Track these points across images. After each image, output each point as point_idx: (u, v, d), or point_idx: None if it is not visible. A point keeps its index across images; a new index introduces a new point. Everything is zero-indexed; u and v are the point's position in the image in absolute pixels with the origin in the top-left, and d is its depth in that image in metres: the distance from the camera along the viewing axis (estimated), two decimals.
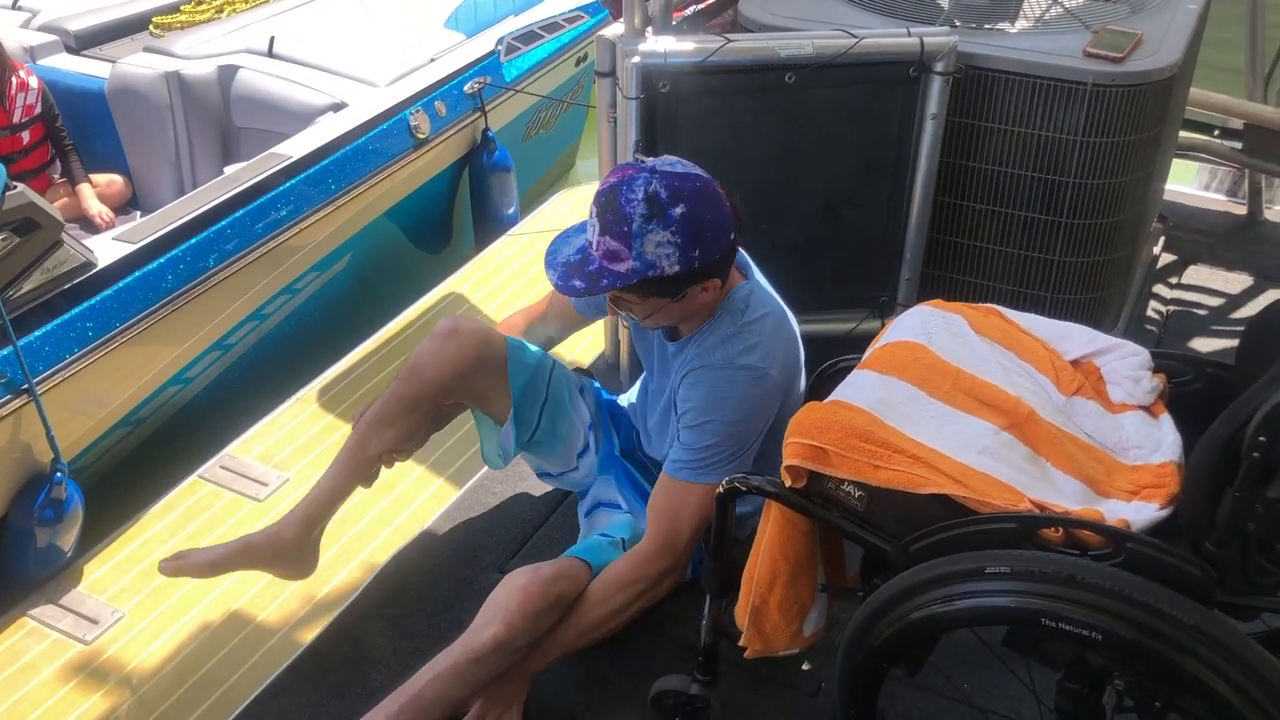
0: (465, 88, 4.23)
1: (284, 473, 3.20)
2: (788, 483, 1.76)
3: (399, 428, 2.25)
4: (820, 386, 2.13)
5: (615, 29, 2.63)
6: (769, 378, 2.03)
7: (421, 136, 3.99)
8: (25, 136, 3.83)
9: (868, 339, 2.90)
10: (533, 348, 2.38)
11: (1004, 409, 1.79)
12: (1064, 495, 1.69)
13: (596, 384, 2.56)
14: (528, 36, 4.67)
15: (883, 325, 2.88)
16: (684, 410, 2.06)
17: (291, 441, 3.32)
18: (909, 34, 2.57)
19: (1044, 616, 1.51)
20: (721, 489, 1.88)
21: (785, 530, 1.84)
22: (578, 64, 5.02)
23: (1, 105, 3.74)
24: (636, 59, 2.48)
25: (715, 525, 1.97)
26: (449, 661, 2.01)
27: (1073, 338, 1.99)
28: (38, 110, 3.85)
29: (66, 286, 2.89)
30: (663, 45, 2.51)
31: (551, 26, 4.83)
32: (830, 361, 2.12)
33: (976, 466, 1.68)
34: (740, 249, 2.14)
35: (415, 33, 4.50)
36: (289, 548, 2.27)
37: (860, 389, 1.81)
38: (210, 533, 3.00)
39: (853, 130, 2.66)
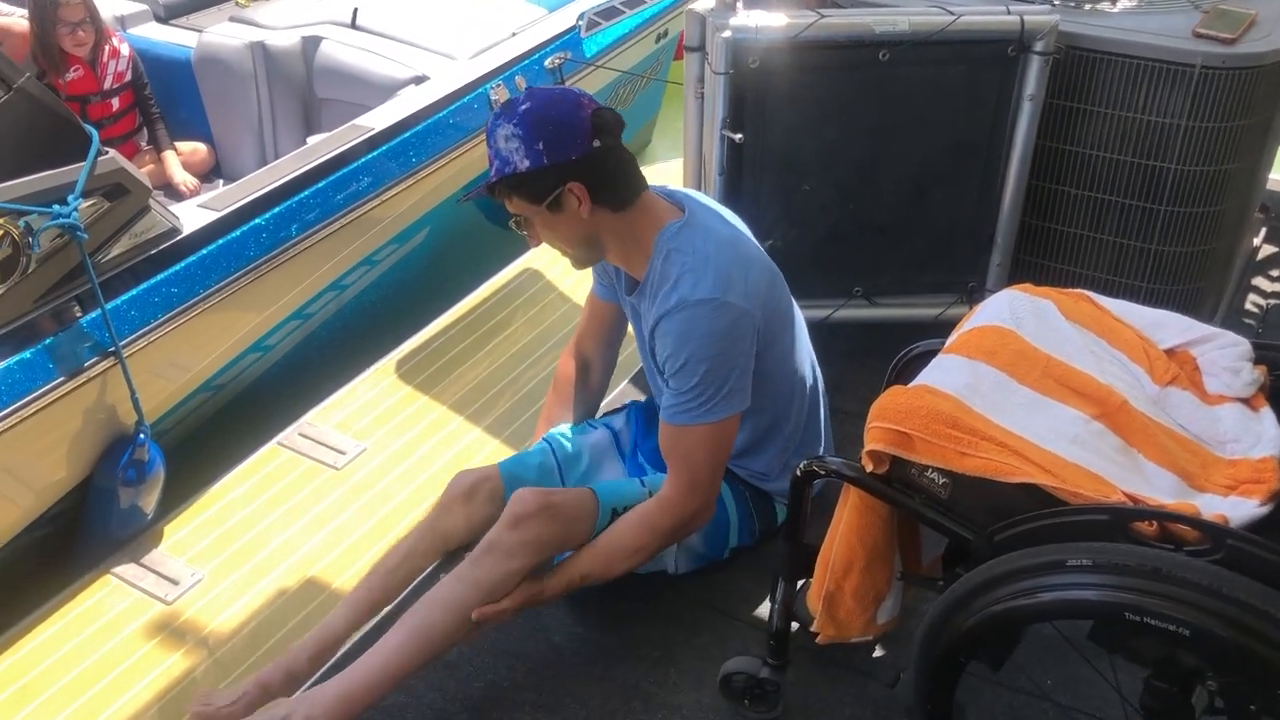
0: (546, 63, 4.21)
1: (362, 442, 3.23)
2: (869, 467, 1.72)
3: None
4: (902, 371, 2.09)
5: (705, 3, 2.60)
6: (729, 305, 1.98)
7: None
8: (115, 103, 3.89)
9: (955, 325, 2.87)
10: (533, 457, 2.37)
11: (1095, 397, 1.73)
12: (1157, 488, 1.63)
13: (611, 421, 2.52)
14: (609, 12, 4.63)
15: (970, 310, 2.85)
16: (663, 360, 2.05)
17: (369, 411, 3.36)
18: (1008, 12, 2.50)
19: (1129, 611, 1.45)
20: (799, 472, 1.85)
21: (864, 515, 1.80)
22: (658, 40, 4.97)
23: (94, 71, 3.80)
24: (727, 33, 2.44)
25: (790, 509, 1.94)
26: (455, 570, 2.10)
27: (1168, 326, 1.91)
28: (128, 78, 3.91)
29: (153, 252, 2.93)
30: (754, 20, 2.47)
31: (633, 2, 4.78)
32: (909, 347, 2.07)
33: (1067, 456, 1.62)
34: (690, 191, 2.19)
35: (497, 7, 4.48)
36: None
37: (947, 374, 1.76)
38: (289, 498, 3.04)
39: (946, 110, 2.59)
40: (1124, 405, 1.70)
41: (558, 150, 1.94)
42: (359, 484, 3.11)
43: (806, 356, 2.29)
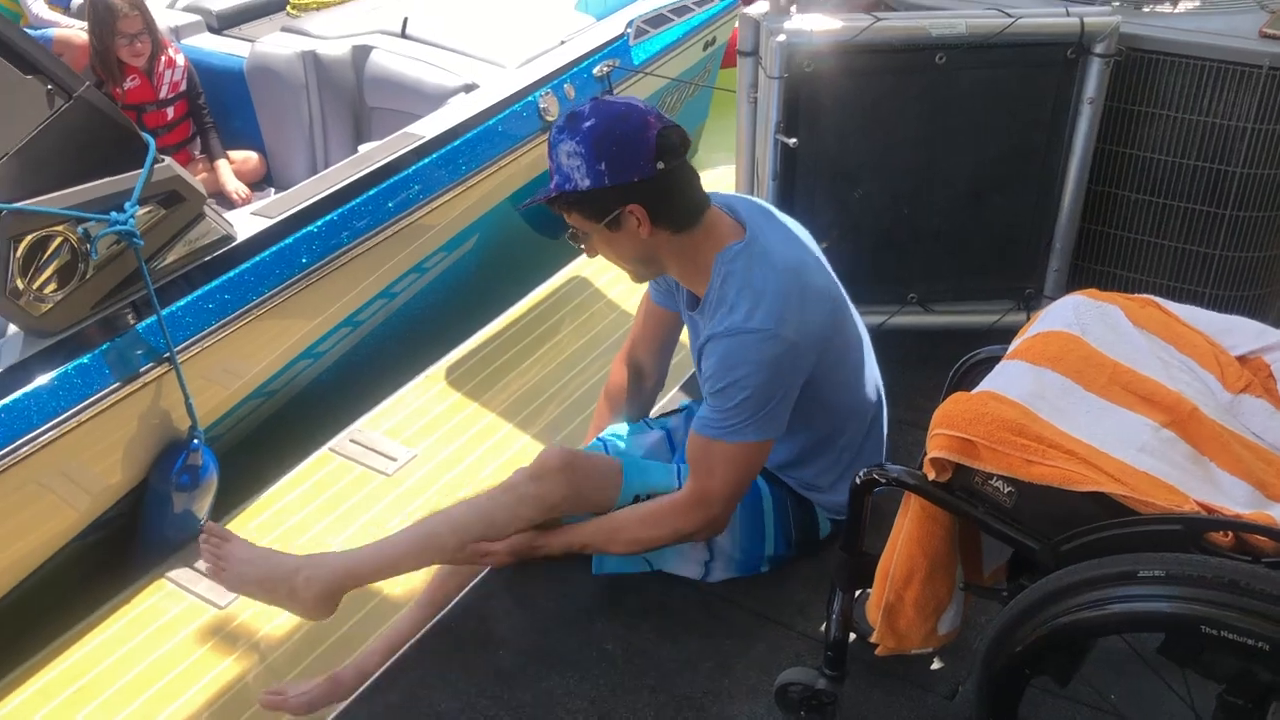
0: (594, 70, 4.21)
1: (412, 449, 3.24)
2: (931, 475, 1.68)
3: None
4: (962, 378, 2.06)
5: (759, 7, 2.58)
6: (780, 338, 1.95)
7: (550, 119, 3.98)
8: (170, 112, 3.95)
9: (1010, 332, 2.82)
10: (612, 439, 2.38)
11: (1164, 405, 1.68)
12: (1230, 498, 1.58)
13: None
14: (657, 20, 4.63)
15: (1028, 318, 2.80)
16: (705, 377, 2.04)
17: (419, 418, 3.36)
18: (1068, 13, 2.46)
19: (1205, 624, 1.41)
20: (859, 480, 1.82)
21: (925, 525, 1.76)
22: (705, 48, 4.96)
23: (150, 81, 3.86)
24: (782, 37, 2.42)
25: (849, 518, 1.90)
26: (473, 498, 2.22)
27: (1239, 331, 1.86)
28: (183, 87, 3.97)
29: (207, 259, 2.95)
30: (809, 24, 2.45)
31: (681, 10, 4.78)
32: (972, 353, 2.04)
33: (1136, 465, 1.58)
34: (757, 202, 2.16)
35: (546, 15, 4.50)
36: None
37: (1012, 380, 1.72)
38: (340, 504, 3.05)
39: (1003, 114, 2.56)
40: (1194, 412, 1.66)
41: (620, 171, 1.90)
42: (409, 490, 3.12)
43: (869, 379, 2.25)
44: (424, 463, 3.21)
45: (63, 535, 2.80)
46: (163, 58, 3.89)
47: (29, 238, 2.50)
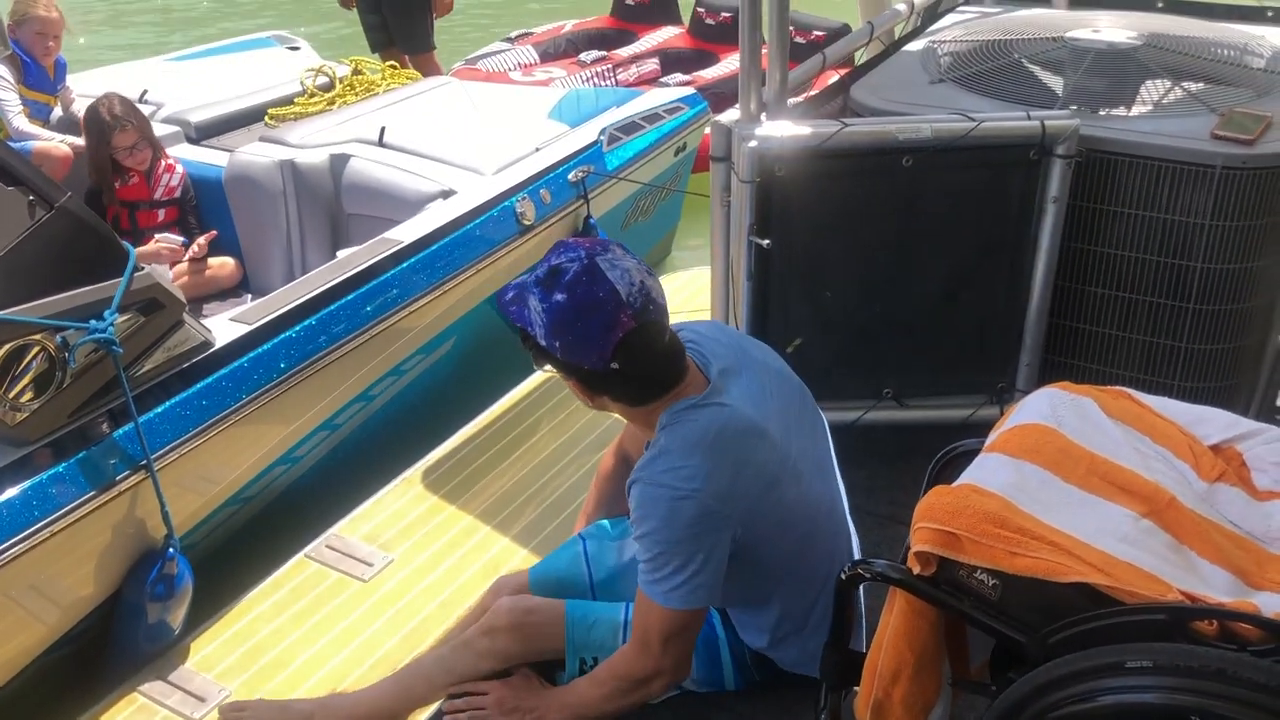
0: (569, 176, 4.29)
1: (389, 554, 3.21)
2: (916, 569, 1.69)
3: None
4: (941, 471, 2.08)
5: (730, 115, 2.65)
6: (695, 501, 1.90)
7: (527, 223, 4.05)
8: (160, 214, 4.06)
9: (985, 426, 2.86)
10: (563, 559, 2.45)
11: (1142, 495, 1.71)
12: (1212, 587, 1.59)
13: None
14: (629, 127, 4.74)
15: (1001, 412, 2.84)
16: (630, 518, 2.02)
17: (397, 522, 3.33)
18: (1029, 117, 2.54)
19: (1194, 714, 1.41)
20: (844, 575, 1.82)
21: (911, 620, 1.76)
22: (676, 153, 5.07)
23: (147, 182, 3.97)
24: (753, 143, 2.49)
25: (835, 614, 1.90)
26: (439, 650, 2.37)
27: (1211, 421, 1.90)
28: (177, 195, 4.13)
29: (185, 365, 2.95)
30: (779, 130, 2.52)
31: (652, 117, 4.90)
32: (950, 446, 2.06)
33: (1118, 555, 1.60)
34: (741, 343, 2.14)
35: (520, 123, 4.60)
36: None
37: (992, 472, 1.74)
38: (316, 612, 3.01)
39: (971, 214, 2.63)
40: (1173, 502, 1.68)
41: (571, 354, 1.91)
42: (387, 596, 3.07)
43: (820, 553, 2.14)
44: (401, 567, 3.18)
45: (32, 649, 2.74)
46: (163, 163, 4.07)
47: (6, 347, 2.49)
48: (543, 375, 4.04)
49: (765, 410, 2.04)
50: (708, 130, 5.35)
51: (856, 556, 2.28)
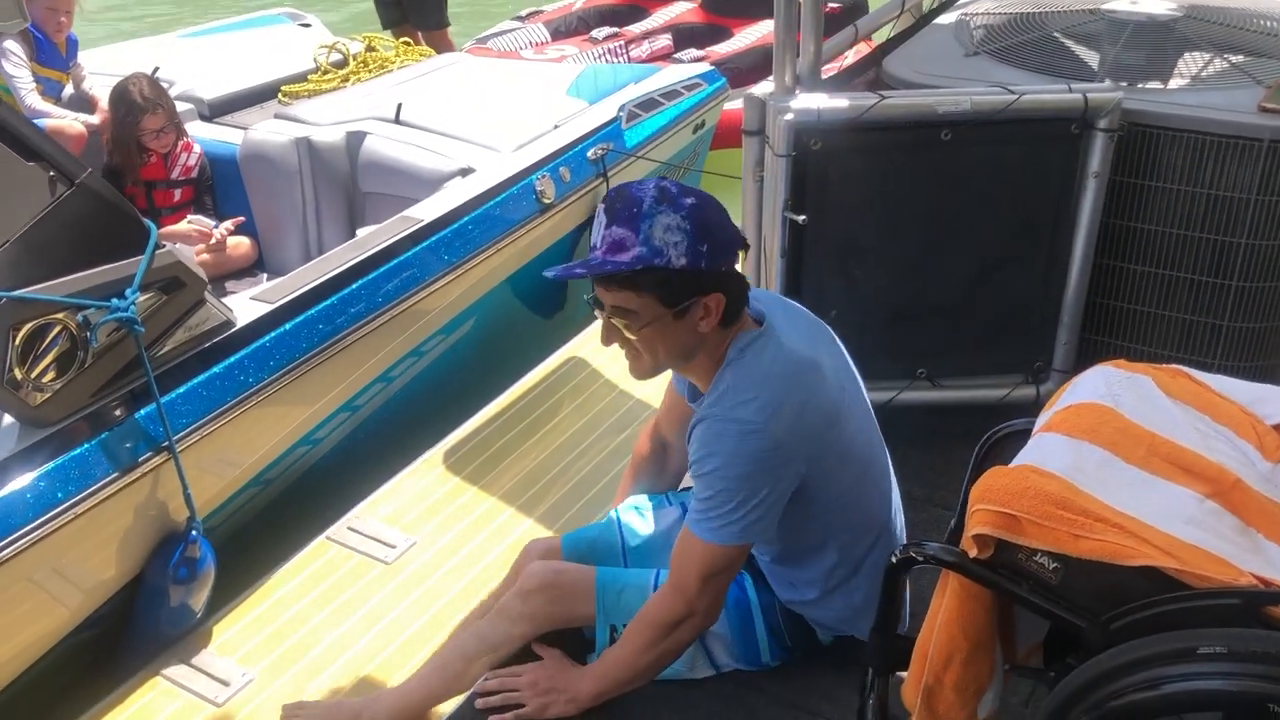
0: (589, 154, 4.23)
1: (412, 536, 3.17)
2: (972, 552, 1.64)
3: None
4: (989, 452, 2.03)
5: (763, 87, 2.59)
6: (765, 434, 1.88)
7: (547, 202, 3.99)
8: (176, 194, 4.02)
9: (1020, 406, 2.81)
10: (596, 531, 2.41)
11: (1206, 476, 1.66)
12: None
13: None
14: (648, 104, 4.68)
15: (1037, 392, 2.79)
16: (690, 460, 1.98)
17: (418, 504, 3.30)
18: (1070, 90, 2.48)
19: (1273, 702, 1.37)
20: (894, 559, 1.78)
21: (966, 604, 1.72)
22: (695, 131, 5.01)
23: (165, 161, 3.91)
24: (789, 116, 2.43)
25: (884, 598, 1.86)
26: (476, 624, 2.33)
27: (1273, 401, 1.85)
28: (194, 174, 4.08)
29: (207, 345, 2.90)
30: (815, 102, 2.46)
31: (671, 94, 4.83)
32: (998, 427, 2.01)
33: (1184, 538, 1.55)
34: (778, 296, 2.14)
35: (538, 100, 4.54)
36: None
37: (1050, 453, 1.69)
38: (340, 594, 2.97)
39: (1009, 189, 2.57)
40: (1238, 483, 1.63)
41: (718, 256, 1.84)
42: (410, 578, 3.04)
43: (876, 499, 2.15)
44: (424, 549, 3.14)
45: (55, 634, 2.70)
46: (181, 141, 4.03)
47: (28, 326, 2.45)
48: (562, 357, 3.99)
49: (816, 349, 2.04)
50: (726, 107, 5.29)
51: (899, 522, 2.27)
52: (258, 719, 2.62)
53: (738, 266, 1.97)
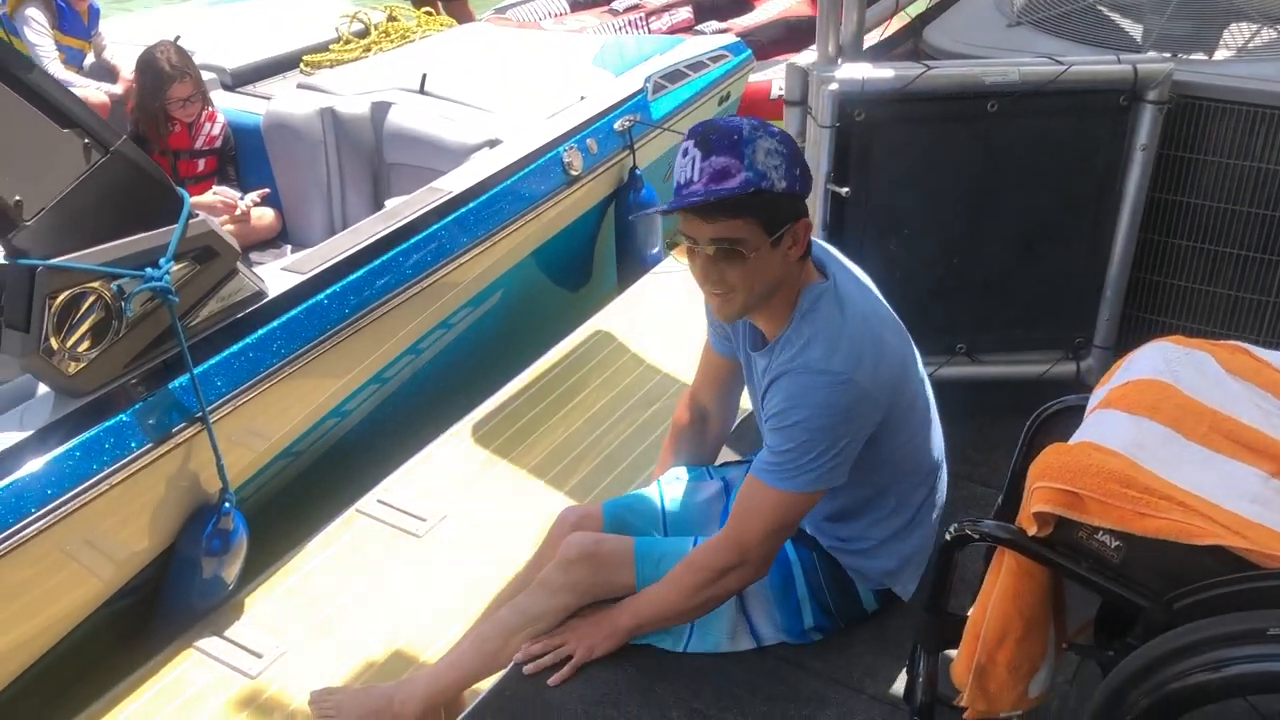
0: (615, 125, 4.19)
1: (442, 509, 3.15)
2: (1031, 530, 1.62)
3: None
4: (1040, 429, 2.00)
5: (805, 57, 2.55)
6: (854, 384, 1.90)
7: (575, 173, 3.95)
8: (200, 164, 3.98)
9: (1061, 382, 2.78)
10: (637, 499, 2.38)
11: (1270, 453, 1.63)
12: None
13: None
14: (674, 75, 4.63)
15: (1078, 368, 2.76)
16: (768, 415, 1.98)
17: (448, 477, 3.29)
18: (1119, 61, 2.44)
19: None
20: (949, 536, 1.75)
21: (1021, 582, 1.70)
22: (720, 103, 4.96)
23: (189, 130, 3.89)
24: (834, 86, 2.39)
25: (936, 576, 1.84)
26: (515, 599, 2.27)
27: None
28: (218, 144, 4.05)
29: (239, 316, 2.88)
30: (859, 72, 2.42)
31: (696, 65, 4.78)
32: (1050, 403, 1.99)
33: (1251, 516, 1.52)
34: (823, 244, 2.13)
35: (564, 71, 4.49)
36: None
37: (1110, 430, 1.66)
38: (371, 568, 2.97)
39: (1054, 162, 2.53)
40: None
41: (807, 181, 1.90)
42: (442, 552, 3.03)
43: (934, 442, 2.19)
44: (455, 523, 3.13)
45: (88, 605, 2.69)
46: (205, 111, 4.00)
47: (63, 295, 2.43)
48: (589, 330, 3.96)
49: (874, 299, 2.09)
50: (751, 79, 5.24)
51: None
52: (292, 691, 2.62)
53: None
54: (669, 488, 2.38)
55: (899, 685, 2.15)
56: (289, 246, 4.16)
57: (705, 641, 2.20)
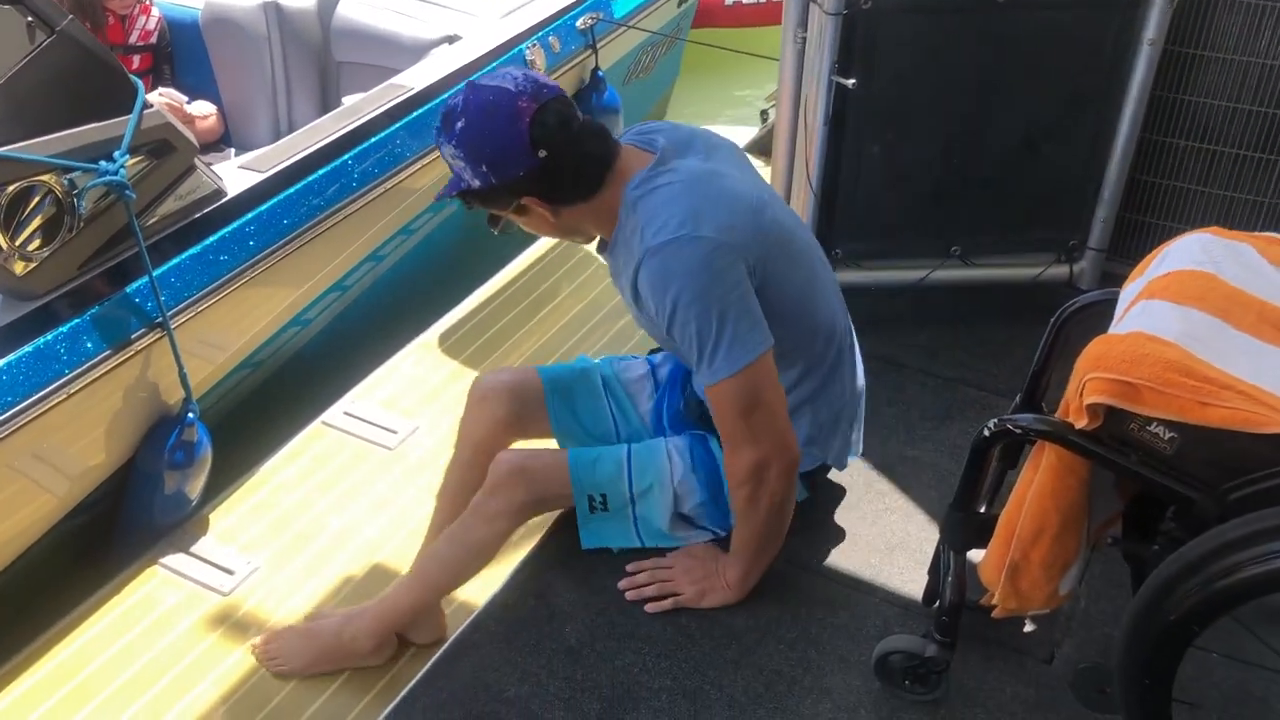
0: (577, 23, 4.02)
1: (413, 420, 3.03)
2: (1080, 423, 1.57)
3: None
4: (1063, 327, 1.96)
5: None
6: (701, 239, 1.85)
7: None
8: (135, 60, 3.70)
9: (1053, 285, 2.74)
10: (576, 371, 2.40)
11: None
12: None
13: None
14: None
15: (1070, 271, 2.73)
16: (654, 315, 1.93)
17: (416, 388, 3.16)
18: None
19: None
20: (988, 432, 1.70)
21: (1061, 478, 1.66)
22: (680, 4, 4.79)
23: (122, 25, 3.61)
24: None
25: (967, 474, 1.79)
26: (449, 529, 2.19)
27: None
28: (153, 40, 3.77)
29: (197, 216, 2.70)
30: None
31: None
32: (1075, 299, 1.94)
33: None
34: (687, 128, 2.08)
35: None
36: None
37: (1160, 320, 1.62)
38: (342, 480, 2.85)
39: (1061, 57, 2.47)
40: None
41: (502, 170, 1.87)
42: (415, 464, 2.91)
43: (833, 298, 2.15)
44: (427, 435, 3.01)
45: (44, 521, 2.53)
46: (139, 3, 3.70)
47: (11, 188, 2.23)
48: (549, 239, 3.83)
49: (713, 159, 2.02)
50: None
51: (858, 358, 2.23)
52: (269, 607, 2.51)
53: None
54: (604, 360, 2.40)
55: (893, 581, 2.13)
56: (232, 150, 3.94)
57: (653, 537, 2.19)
